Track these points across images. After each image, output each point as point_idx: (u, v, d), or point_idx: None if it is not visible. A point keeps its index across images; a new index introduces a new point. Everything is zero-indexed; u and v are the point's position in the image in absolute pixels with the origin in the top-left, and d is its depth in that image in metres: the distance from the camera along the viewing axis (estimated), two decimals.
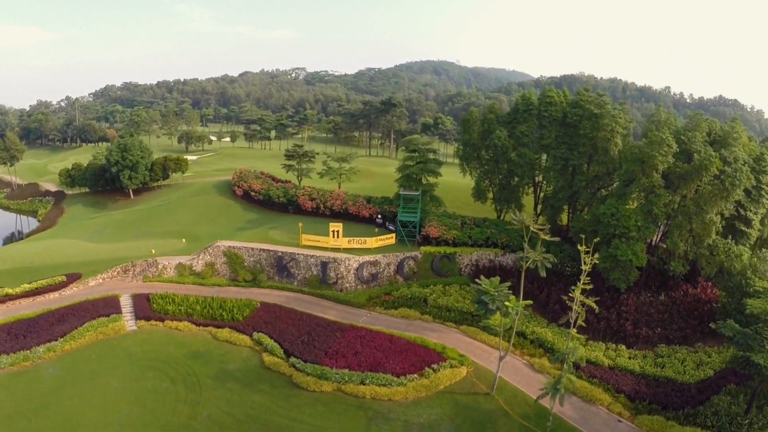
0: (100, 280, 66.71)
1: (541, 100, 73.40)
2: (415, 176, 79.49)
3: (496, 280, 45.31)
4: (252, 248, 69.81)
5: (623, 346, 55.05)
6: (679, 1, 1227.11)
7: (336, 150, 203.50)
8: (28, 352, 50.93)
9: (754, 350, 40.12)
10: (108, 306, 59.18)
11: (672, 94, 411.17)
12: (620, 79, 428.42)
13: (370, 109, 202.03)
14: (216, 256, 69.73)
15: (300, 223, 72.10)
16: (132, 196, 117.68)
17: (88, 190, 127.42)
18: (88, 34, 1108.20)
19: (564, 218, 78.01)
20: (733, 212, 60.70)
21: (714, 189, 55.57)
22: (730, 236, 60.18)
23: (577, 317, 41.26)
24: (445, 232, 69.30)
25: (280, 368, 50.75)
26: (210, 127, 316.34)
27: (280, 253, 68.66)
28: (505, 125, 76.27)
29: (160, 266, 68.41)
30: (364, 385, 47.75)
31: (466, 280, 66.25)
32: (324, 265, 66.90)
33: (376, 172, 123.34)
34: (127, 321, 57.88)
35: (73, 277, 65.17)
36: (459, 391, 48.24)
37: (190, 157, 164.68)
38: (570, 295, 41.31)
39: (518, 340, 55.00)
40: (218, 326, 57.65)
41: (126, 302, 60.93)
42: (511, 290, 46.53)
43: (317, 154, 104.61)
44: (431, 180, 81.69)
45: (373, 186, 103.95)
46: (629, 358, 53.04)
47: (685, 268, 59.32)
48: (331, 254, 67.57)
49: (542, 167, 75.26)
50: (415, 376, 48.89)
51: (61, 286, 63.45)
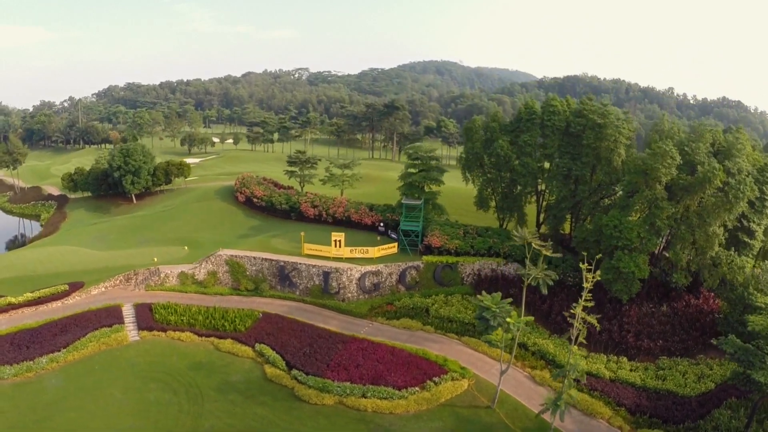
0: (103, 289, 66.80)
1: (545, 108, 73.00)
2: (417, 184, 79.43)
3: (498, 296, 45.35)
4: (254, 257, 69.88)
5: (625, 358, 55.13)
6: (683, 1, 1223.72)
7: (339, 152, 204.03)
8: (32, 362, 51.12)
9: (755, 367, 40.04)
10: (110, 316, 59.27)
11: (675, 95, 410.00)
12: (623, 80, 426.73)
13: (372, 112, 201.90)
14: (218, 265, 69.85)
15: (302, 233, 72.12)
16: (134, 201, 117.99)
17: (90, 195, 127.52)
18: (88, 34, 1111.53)
19: (567, 227, 77.89)
20: (736, 223, 60.55)
21: (717, 201, 55.33)
22: (733, 248, 60.05)
23: (578, 334, 41.26)
24: (448, 242, 69.19)
25: (282, 380, 50.88)
26: (213, 128, 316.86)
27: (282, 263, 68.71)
28: (508, 134, 75.91)
29: (163, 275, 68.54)
30: (366, 398, 47.87)
31: (468, 290, 66.32)
32: (326, 275, 66.97)
33: (379, 176, 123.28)
34: (130, 331, 58.00)
35: (75, 286, 65.26)
36: (460, 404, 48.35)
37: (193, 160, 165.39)
38: (572, 311, 41.29)
39: (520, 352, 55.00)
40: (220, 337, 57.72)
41: (128, 312, 61.00)
42: (512, 301, 46.70)
43: (319, 160, 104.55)
44: (434, 188, 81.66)
45: (376, 191, 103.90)
46: (630, 371, 53.10)
47: (688, 280, 59.12)
48: (333, 264, 67.57)
49: (545, 176, 75.05)
50: (417, 389, 48.98)
51: (64, 294, 63.52)
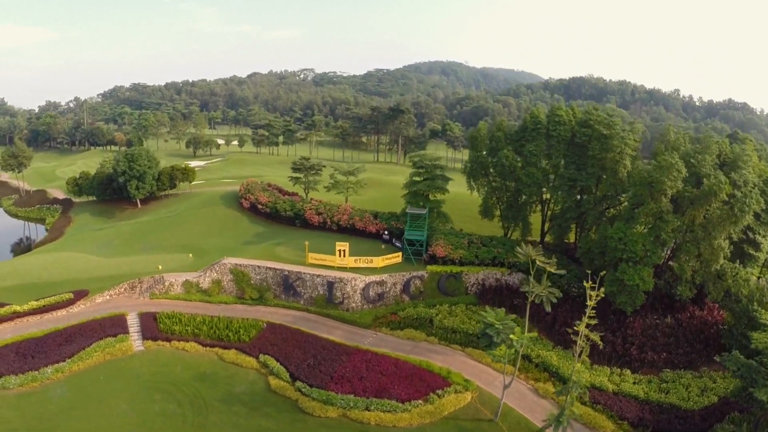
0: (107, 297, 67.02)
1: (550, 118, 72.88)
2: (422, 193, 79.42)
3: (502, 312, 45.28)
4: (258, 266, 70.00)
5: (628, 371, 54.68)
6: (689, 1, 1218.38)
7: (344, 155, 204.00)
8: (37, 372, 51.29)
9: (758, 384, 39.84)
10: (115, 325, 59.45)
11: (681, 96, 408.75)
12: (629, 82, 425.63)
13: (378, 115, 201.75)
14: (223, 274, 70.03)
15: (306, 242, 72.17)
16: (139, 206, 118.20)
17: (95, 199, 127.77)
18: (89, 34, 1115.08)
19: (572, 236, 77.75)
20: (742, 236, 60.34)
21: (723, 214, 55.11)
22: (738, 260, 59.81)
23: (581, 351, 41.17)
24: (452, 251, 69.11)
25: (286, 392, 50.92)
26: (218, 129, 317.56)
27: (287, 272, 68.81)
28: (513, 143, 75.90)
29: (167, 283, 68.75)
30: (369, 410, 47.83)
31: (472, 300, 66.25)
32: (330, 284, 67.01)
33: (384, 181, 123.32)
34: (134, 341, 58.20)
35: (80, 294, 65.43)
36: (463, 417, 48.27)
37: (198, 163, 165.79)
38: (575, 328, 41.20)
39: (523, 364, 54.87)
40: (225, 347, 57.80)
41: (133, 321, 61.22)
42: (516, 311, 46.70)
43: (324, 166, 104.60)
44: (438, 196, 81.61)
45: (381, 196, 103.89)
46: (634, 384, 52.70)
47: (692, 292, 58.79)
48: (338, 274, 67.57)
49: (549, 186, 74.89)
50: (420, 401, 48.87)
51: (69, 303, 63.68)
